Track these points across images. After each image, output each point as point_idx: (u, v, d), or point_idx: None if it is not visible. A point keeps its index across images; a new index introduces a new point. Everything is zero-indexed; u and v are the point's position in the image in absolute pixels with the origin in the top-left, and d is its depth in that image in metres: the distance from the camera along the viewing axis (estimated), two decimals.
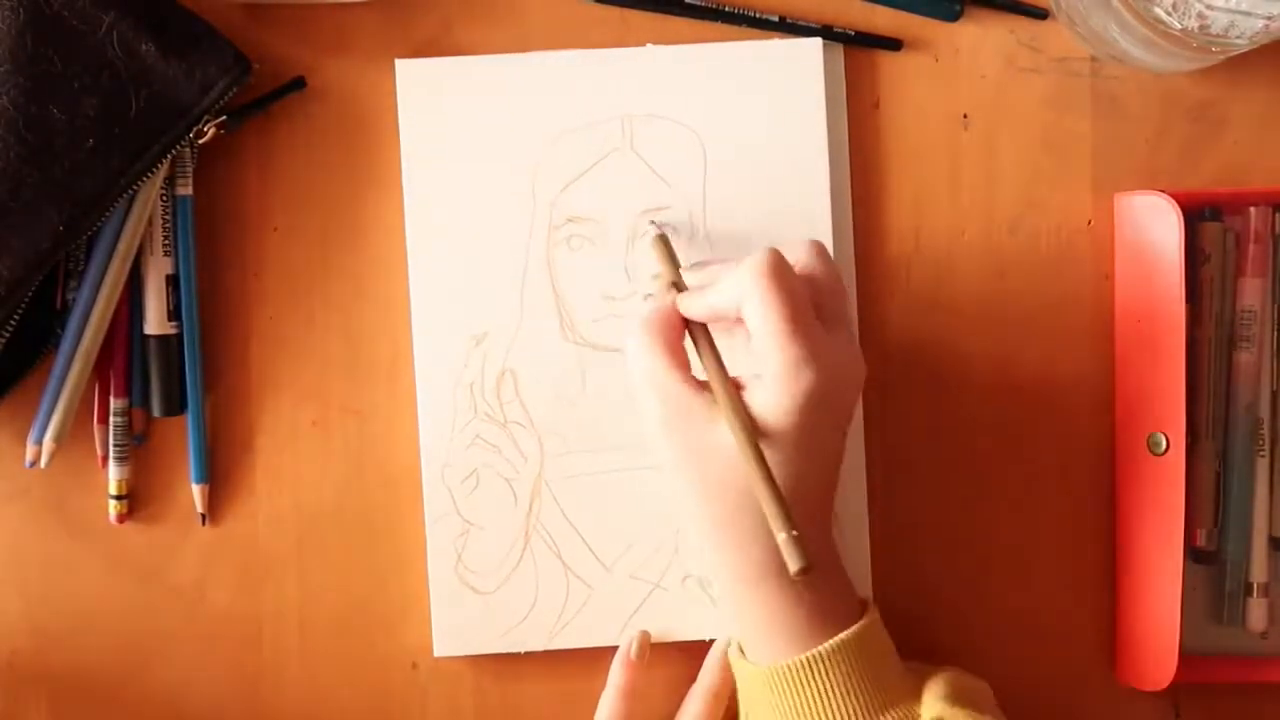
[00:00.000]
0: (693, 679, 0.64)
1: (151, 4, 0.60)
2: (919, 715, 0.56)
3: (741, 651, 0.59)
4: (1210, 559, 0.65)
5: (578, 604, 0.64)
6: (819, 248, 0.57)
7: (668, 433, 0.56)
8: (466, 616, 0.64)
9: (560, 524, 0.64)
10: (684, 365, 0.56)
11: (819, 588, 0.56)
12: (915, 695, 0.57)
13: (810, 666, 0.55)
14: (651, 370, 0.56)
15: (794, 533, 0.50)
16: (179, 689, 0.65)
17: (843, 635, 0.55)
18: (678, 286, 0.59)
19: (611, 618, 0.64)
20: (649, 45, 0.64)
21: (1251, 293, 0.65)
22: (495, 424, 0.64)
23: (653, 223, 0.63)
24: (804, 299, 0.54)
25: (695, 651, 0.64)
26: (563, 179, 0.64)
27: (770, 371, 0.54)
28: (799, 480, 0.54)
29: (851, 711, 0.55)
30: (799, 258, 0.57)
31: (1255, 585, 0.65)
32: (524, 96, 0.64)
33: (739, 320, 0.55)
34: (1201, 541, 0.65)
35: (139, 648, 0.65)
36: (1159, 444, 0.62)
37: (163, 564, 0.65)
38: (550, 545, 0.64)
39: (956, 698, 0.56)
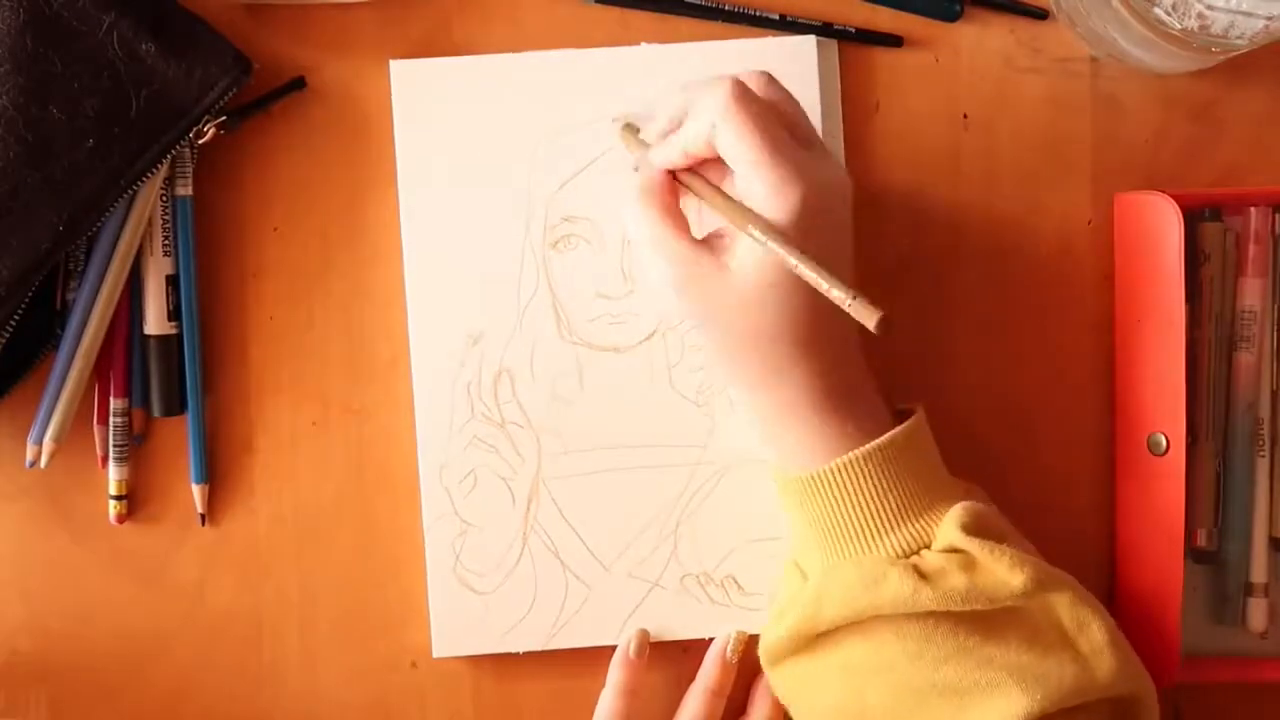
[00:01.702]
0: (692, 677, 0.64)
1: (151, 4, 0.60)
2: (932, 538, 0.56)
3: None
4: (1210, 559, 0.65)
5: (576, 603, 0.64)
6: (768, 76, 0.57)
7: (683, 294, 0.56)
8: (465, 617, 0.64)
9: (558, 524, 0.64)
10: (683, 226, 0.57)
11: (848, 413, 0.56)
12: (936, 513, 0.56)
13: (824, 478, 0.56)
14: (653, 237, 0.56)
15: (854, 296, 0.49)
16: (179, 689, 0.65)
17: (856, 451, 0.56)
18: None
19: (610, 617, 0.64)
20: (643, 44, 0.64)
21: (1251, 293, 0.65)
22: (492, 424, 0.64)
23: (614, 120, 0.63)
24: (775, 121, 0.54)
25: (694, 649, 0.64)
26: (558, 178, 0.64)
27: (757, 197, 0.53)
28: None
29: (858, 526, 0.56)
30: (753, 88, 0.56)
31: (1255, 585, 0.65)
32: (518, 96, 0.64)
33: (717, 160, 0.55)
34: (1201, 541, 0.65)
35: (139, 648, 0.65)
36: (1159, 444, 0.62)
37: (163, 564, 0.65)
38: (548, 545, 0.64)
39: (977, 528, 0.55)
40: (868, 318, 0.49)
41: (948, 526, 0.55)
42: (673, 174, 0.57)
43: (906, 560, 0.55)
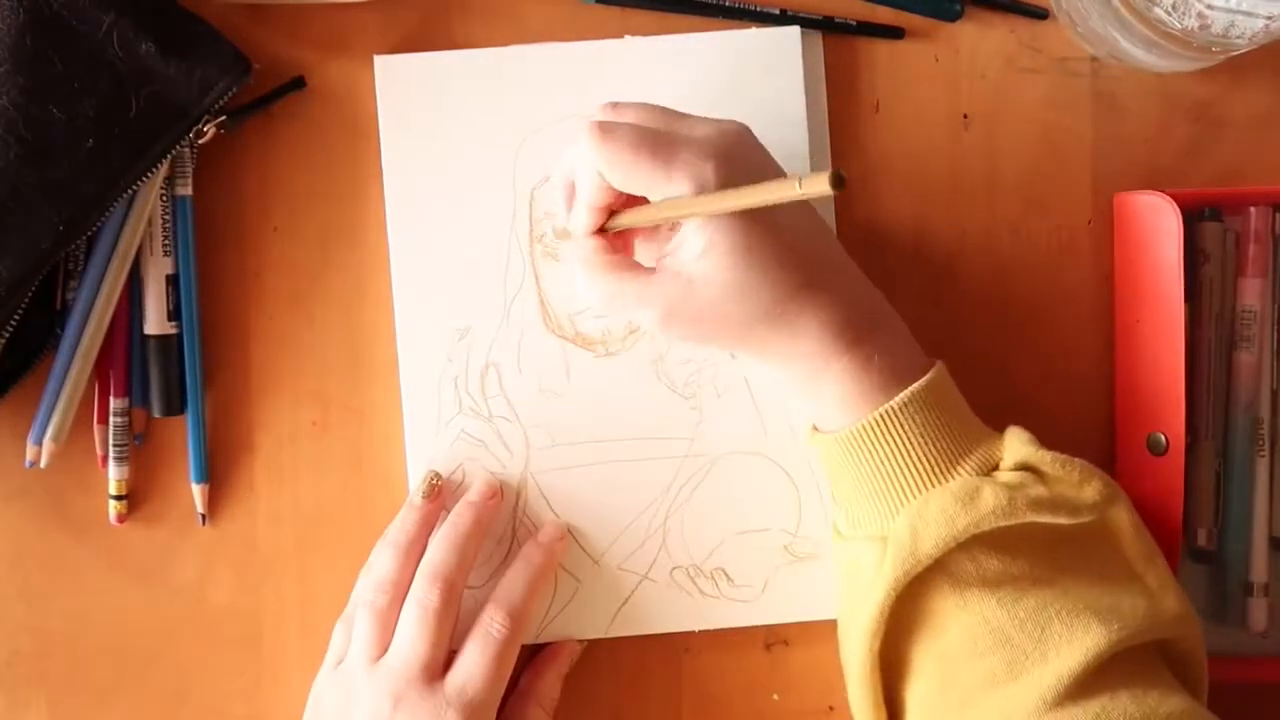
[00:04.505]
0: (690, 675, 0.64)
1: (151, 4, 0.60)
2: (1000, 459, 0.56)
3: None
4: (1210, 559, 0.65)
5: (566, 597, 0.64)
6: (610, 103, 0.57)
7: (672, 324, 0.55)
8: None
9: (547, 517, 0.64)
10: (637, 269, 0.57)
11: (881, 353, 0.56)
12: (994, 442, 0.57)
13: (884, 422, 0.55)
14: (615, 294, 0.56)
15: (797, 179, 0.47)
16: (179, 689, 0.65)
17: (912, 388, 0.55)
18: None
19: (600, 610, 0.64)
20: (626, 37, 0.64)
21: (1251, 293, 0.65)
22: (480, 418, 0.64)
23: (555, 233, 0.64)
24: (641, 130, 0.55)
25: (695, 649, 0.65)
26: (542, 172, 0.64)
27: (675, 186, 0.53)
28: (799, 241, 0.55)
29: (930, 460, 0.55)
30: (606, 119, 0.56)
31: (1255, 585, 0.65)
32: (503, 90, 0.64)
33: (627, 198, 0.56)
34: (1201, 541, 0.65)
35: (139, 648, 0.65)
36: (1159, 444, 0.62)
37: (163, 564, 0.65)
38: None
39: (1041, 443, 0.56)
40: (821, 183, 0.45)
41: (1016, 443, 0.56)
42: (602, 230, 0.58)
43: (988, 476, 0.55)
